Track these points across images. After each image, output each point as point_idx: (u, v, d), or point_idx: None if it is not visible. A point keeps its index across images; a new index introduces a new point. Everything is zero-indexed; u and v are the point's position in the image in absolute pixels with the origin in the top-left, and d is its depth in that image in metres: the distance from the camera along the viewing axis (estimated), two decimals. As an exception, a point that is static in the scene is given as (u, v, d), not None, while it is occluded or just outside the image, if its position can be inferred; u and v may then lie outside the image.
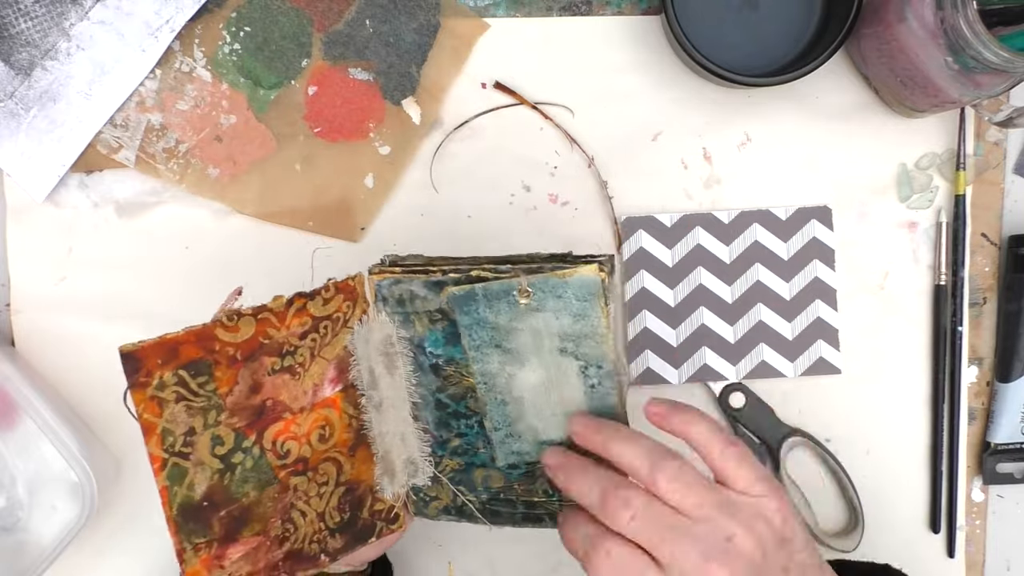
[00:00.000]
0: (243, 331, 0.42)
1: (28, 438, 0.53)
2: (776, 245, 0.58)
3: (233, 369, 0.42)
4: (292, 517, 0.44)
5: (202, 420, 0.41)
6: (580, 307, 0.42)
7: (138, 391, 0.40)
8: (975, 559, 0.60)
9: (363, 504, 0.47)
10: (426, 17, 0.57)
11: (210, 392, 0.41)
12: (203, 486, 0.42)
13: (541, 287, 0.42)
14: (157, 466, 0.41)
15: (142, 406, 0.40)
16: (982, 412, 0.60)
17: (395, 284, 0.44)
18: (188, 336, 0.41)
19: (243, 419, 0.42)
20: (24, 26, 0.55)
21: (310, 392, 0.44)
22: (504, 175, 0.58)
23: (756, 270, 0.58)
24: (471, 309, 0.43)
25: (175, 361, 0.40)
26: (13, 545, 0.54)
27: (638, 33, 0.58)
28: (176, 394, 0.41)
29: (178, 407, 0.41)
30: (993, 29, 0.46)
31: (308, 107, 0.57)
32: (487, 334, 0.43)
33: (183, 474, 0.41)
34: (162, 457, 0.41)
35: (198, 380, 0.41)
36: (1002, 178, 0.59)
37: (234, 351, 0.42)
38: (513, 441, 0.46)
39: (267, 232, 0.58)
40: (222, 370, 0.41)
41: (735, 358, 0.58)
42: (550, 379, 0.44)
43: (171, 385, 0.40)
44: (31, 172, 0.56)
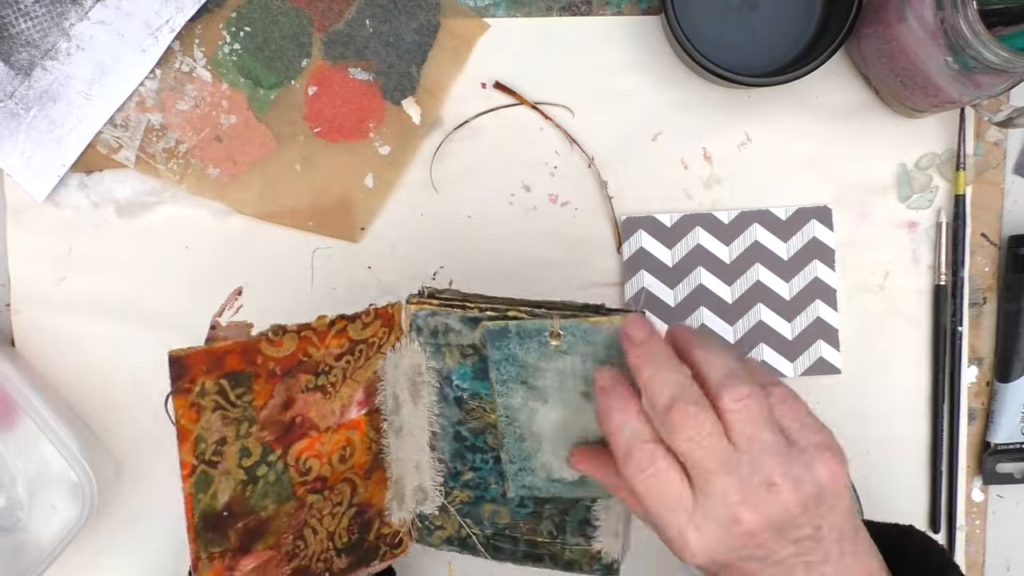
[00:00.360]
0: (286, 346, 0.42)
1: (28, 438, 0.53)
2: (776, 245, 0.58)
3: (271, 383, 0.42)
4: (304, 534, 0.45)
5: (235, 431, 0.42)
6: (607, 354, 0.42)
7: (180, 396, 0.40)
8: (975, 559, 0.60)
9: (371, 527, 0.47)
10: (426, 17, 0.57)
11: (246, 403, 0.42)
12: (226, 496, 0.42)
13: (572, 331, 0.42)
14: (186, 472, 0.41)
15: (181, 412, 0.40)
16: (982, 412, 0.60)
17: (431, 316, 0.45)
18: (235, 347, 0.41)
19: (272, 433, 0.43)
20: (24, 26, 0.55)
21: (338, 412, 0.45)
22: (504, 175, 0.58)
23: (756, 270, 0.58)
24: (503, 344, 0.44)
25: (219, 370, 0.41)
26: (13, 545, 0.54)
27: (638, 33, 0.58)
28: (215, 403, 0.41)
29: (214, 415, 0.41)
30: (993, 29, 0.46)
31: (308, 107, 0.57)
32: (515, 370, 0.44)
33: (209, 482, 0.41)
34: (192, 464, 0.41)
35: (237, 391, 0.41)
36: (1002, 178, 0.59)
37: (274, 366, 0.42)
38: (526, 475, 0.46)
39: (267, 232, 0.58)
40: (260, 383, 0.42)
41: (735, 358, 0.58)
42: (570, 419, 0.45)
43: (211, 393, 0.41)
44: (31, 172, 0.56)
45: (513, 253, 0.58)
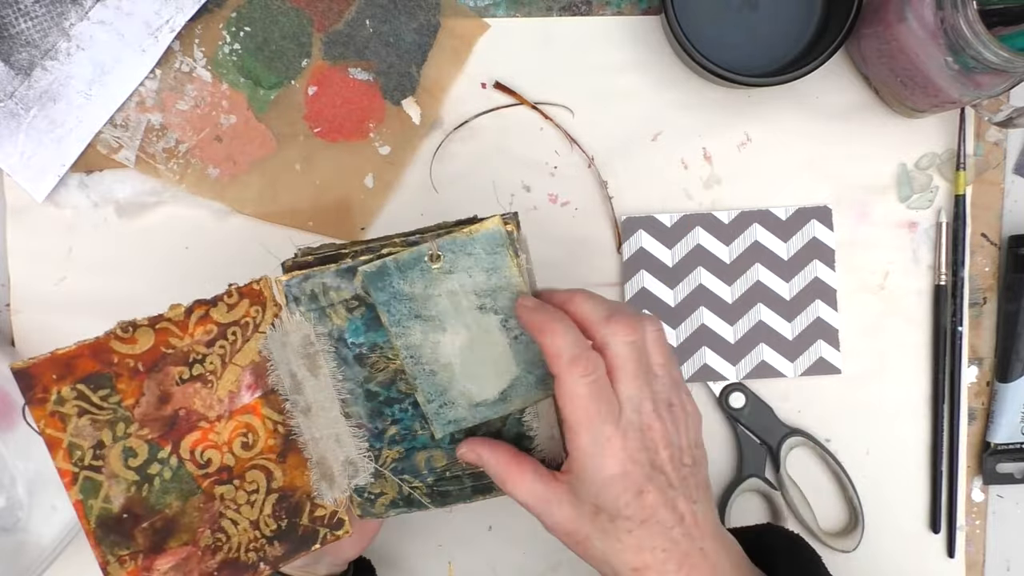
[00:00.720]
0: (141, 342, 0.41)
1: (28, 438, 0.53)
2: (776, 245, 0.58)
3: (137, 380, 0.41)
4: (223, 526, 0.43)
5: (110, 433, 0.41)
6: (490, 261, 0.42)
7: (36, 407, 0.39)
8: (975, 559, 0.60)
9: (301, 511, 0.45)
10: (426, 17, 0.57)
11: (114, 404, 0.41)
12: (120, 498, 0.41)
13: (450, 248, 0.42)
14: (67, 480, 0.40)
15: (43, 422, 0.40)
16: (982, 412, 0.60)
17: (304, 281, 0.43)
18: (81, 350, 0.40)
19: (155, 430, 0.42)
20: (24, 26, 0.55)
21: (226, 400, 0.43)
22: (504, 175, 0.58)
23: (756, 270, 0.58)
24: (385, 284, 0.43)
25: (71, 376, 0.40)
26: (13, 545, 0.54)
27: (638, 33, 0.58)
28: (78, 408, 0.40)
29: (82, 421, 0.40)
30: (993, 29, 0.46)
31: (308, 107, 0.57)
32: (405, 307, 0.43)
33: (97, 487, 0.41)
34: (72, 471, 0.40)
35: (100, 393, 0.40)
36: (1002, 178, 0.59)
37: (135, 362, 0.41)
38: (448, 410, 0.45)
39: (267, 232, 0.58)
40: (124, 382, 0.41)
41: (735, 358, 0.58)
42: (474, 339, 0.44)
43: (71, 400, 0.40)
44: (31, 172, 0.56)
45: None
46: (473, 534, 0.59)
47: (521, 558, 0.59)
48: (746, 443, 0.58)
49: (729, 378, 0.58)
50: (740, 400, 0.58)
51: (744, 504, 0.59)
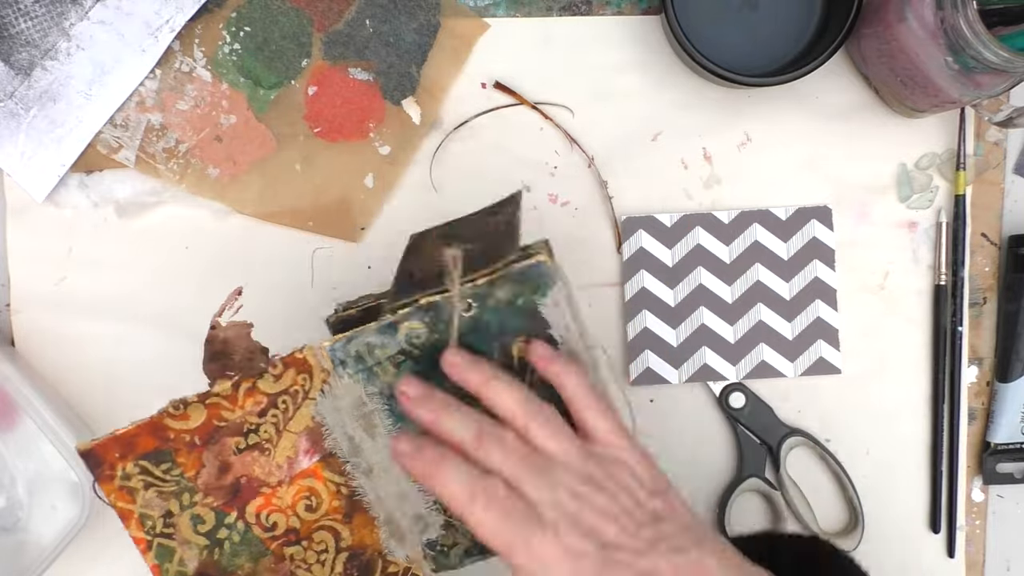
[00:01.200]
0: (193, 418, 0.43)
1: (28, 438, 0.53)
2: (776, 245, 0.58)
3: (195, 453, 0.43)
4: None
5: (177, 503, 0.43)
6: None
7: (105, 483, 0.42)
8: (975, 559, 0.60)
9: (373, 569, 0.46)
10: (426, 17, 0.57)
11: (177, 476, 0.43)
12: (194, 562, 0.43)
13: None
14: (142, 548, 0.42)
15: (112, 496, 0.42)
16: (982, 412, 0.60)
17: (348, 344, 0.43)
18: (139, 430, 0.42)
19: (219, 498, 0.43)
20: (24, 26, 0.55)
21: (285, 466, 0.44)
22: (504, 175, 0.58)
23: (756, 270, 0.58)
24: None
25: (132, 453, 0.42)
26: (13, 545, 0.54)
27: (638, 33, 0.58)
28: (144, 482, 0.42)
29: (149, 493, 0.42)
30: (993, 29, 0.46)
31: (308, 107, 0.57)
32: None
33: (171, 552, 0.43)
34: (146, 539, 0.42)
35: (162, 467, 0.42)
36: (1002, 178, 0.59)
37: (191, 437, 0.43)
38: None
39: (267, 232, 0.58)
40: (183, 455, 0.43)
41: (735, 358, 0.58)
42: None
43: (136, 475, 0.42)
44: (31, 172, 0.56)
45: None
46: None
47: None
48: (746, 443, 0.58)
49: (729, 378, 0.58)
50: (740, 400, 0.58)
51: (744, 504, 0.59)
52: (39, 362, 0.58)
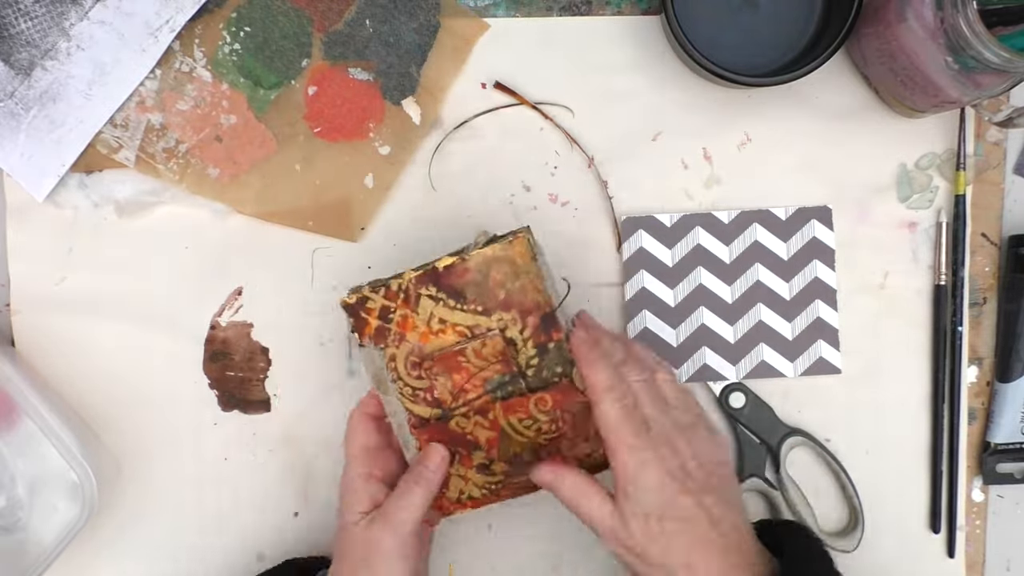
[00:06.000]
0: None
1: (28, 438, 0.53)
2: (776, 245, 0.58)
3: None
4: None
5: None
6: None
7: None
8: (975, 559, 0.60)
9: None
10: (426, 17, 0.57)
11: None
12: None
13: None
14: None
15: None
16: (982, 412, 0.60)
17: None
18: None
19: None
20: (24, 26, 0.55)
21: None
22: (504, 175, 0.58)
23: (756, 270, 0.58)
24: None
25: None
26: (13, 545, 0.54)
27: (638, 33, 0.58)
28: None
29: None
30: (993, 29, 0.46)
31: (308, 107, 0.57)
32: None
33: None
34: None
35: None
36: (1002, 178, 0.59)
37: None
38: None
39: (267, 232, 0.58)
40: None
41: (735, 358, 0.58)
42: None
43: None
44: (31, 172, 0.56)
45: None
46: (474, 534, 0.59)
47: (522, 559, 0.59)
48: (746, 443, 0.58)
49: (729, 378, 0.58)
50: (740, 400, 0.58)
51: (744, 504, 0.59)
52: (39, 362, 0.58)
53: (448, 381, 0.49)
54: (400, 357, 0.49)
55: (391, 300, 0.49)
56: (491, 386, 0.49)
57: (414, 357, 0.49)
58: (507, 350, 0.49)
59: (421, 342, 0.49)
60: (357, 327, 0.49)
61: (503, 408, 0.50)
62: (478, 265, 0.48)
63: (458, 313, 0.48)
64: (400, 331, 0.49)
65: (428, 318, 0.49)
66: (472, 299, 0.48)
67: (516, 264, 0.48)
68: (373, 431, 0.51)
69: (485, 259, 0.48)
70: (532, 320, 0.48)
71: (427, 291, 0.48)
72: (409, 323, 0.49)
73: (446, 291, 0.48)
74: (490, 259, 0.48)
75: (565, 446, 0.50)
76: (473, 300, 0.48)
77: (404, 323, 0.49)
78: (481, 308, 0.48)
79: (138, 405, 0.58)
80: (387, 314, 0.49)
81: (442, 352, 0.49)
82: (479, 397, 0.50)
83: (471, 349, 0.49)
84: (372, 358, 0.50)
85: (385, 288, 0.49)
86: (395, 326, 0.49)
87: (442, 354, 0.49)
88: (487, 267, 0.48)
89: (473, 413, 0.50)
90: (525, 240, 0.47)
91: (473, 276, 0.48)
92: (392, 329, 0.49)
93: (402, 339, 0.49)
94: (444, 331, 0.49)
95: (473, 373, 0.49)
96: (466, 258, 0.48)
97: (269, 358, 0.58)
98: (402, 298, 0.49)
